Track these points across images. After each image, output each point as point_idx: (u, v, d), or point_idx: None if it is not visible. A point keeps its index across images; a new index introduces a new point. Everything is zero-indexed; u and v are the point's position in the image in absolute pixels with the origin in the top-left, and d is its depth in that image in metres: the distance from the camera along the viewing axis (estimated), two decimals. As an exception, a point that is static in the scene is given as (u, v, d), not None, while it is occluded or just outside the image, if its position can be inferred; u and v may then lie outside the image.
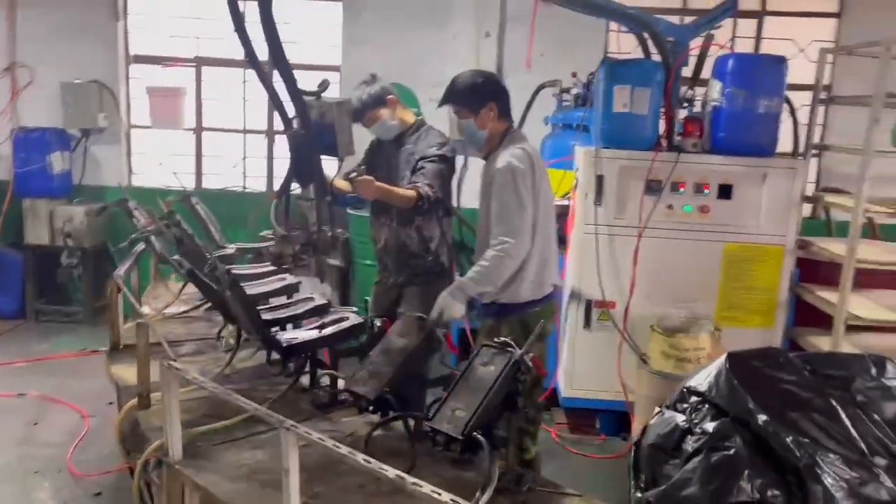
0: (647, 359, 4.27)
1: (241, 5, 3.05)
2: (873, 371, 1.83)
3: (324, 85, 3.38)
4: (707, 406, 1.78)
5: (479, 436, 2.40)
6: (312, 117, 3.21)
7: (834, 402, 1.73)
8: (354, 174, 3.57)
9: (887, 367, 1.85)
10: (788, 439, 1.64)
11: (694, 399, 1.85)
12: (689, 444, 1.74)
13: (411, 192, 3.65)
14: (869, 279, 4.46)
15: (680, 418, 1.84)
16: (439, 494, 1.79)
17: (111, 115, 6.55)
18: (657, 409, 2.00)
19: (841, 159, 5.70)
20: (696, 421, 1.78)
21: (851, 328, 4.13)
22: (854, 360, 1.86)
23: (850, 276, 3.98)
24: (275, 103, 3.27)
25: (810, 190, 5.40)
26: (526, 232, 3.18)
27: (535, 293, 3.31)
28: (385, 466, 1.92)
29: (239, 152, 6.84)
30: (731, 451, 1.66)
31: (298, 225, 3.65)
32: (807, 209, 5.88)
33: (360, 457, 1.98)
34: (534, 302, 3.32)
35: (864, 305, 4.20)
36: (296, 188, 3.56)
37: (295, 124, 3.27)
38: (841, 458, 1.62)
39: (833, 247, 4.33)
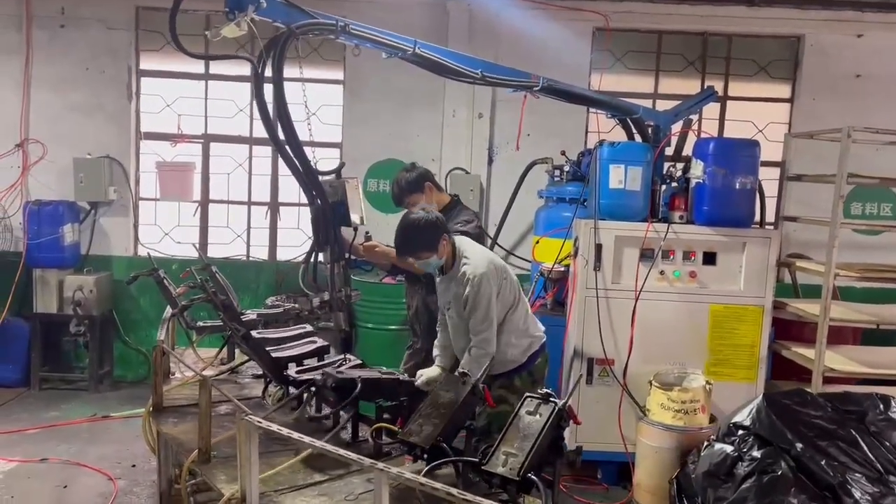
0: (647, 411, 4.66)
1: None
2: (881, 406, 2.26)
3: (340, 166, 3.90)
4: (752, 437, 2.17)
5: (533, 476, 2.75)
6: (329, 194, 3.68)
7: (854, 432, 2.15)
8: (362, 241, 4.06)
9: (891, 403, 2.29)
10: (822, 462, 2.05)
11: (741, 432, 2.24)
12: (741, 469, 2.13)
13: None
14: (832, 335, 4.98)
15: (729, 448, 2.23)
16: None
17: (121, 188, 6.83)
18: (705, 443, 2.38)
19: (798, 228, 6.31)
20: (744, 450, 2.17)
21: (826, 380, 4.60)
22: (865, 398, 2.30)
23: (825, 333, 4.48)
24: (299, 181, 3.71)
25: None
26: (494, 327, 3.69)
27: (530, 351, 3.89)
28: (479, 498, 2.25)
29: (243, 223, 7.15)
30: (779, 473, 2.06)
31: (323, 286, 4.03)
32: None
33: (455, 491, 2.31)
34: (533, 356, 3.90)
35: (836, 359, 4.69)
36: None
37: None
38: (864, 477, 2.03)
39: (806, 307, 4.85)
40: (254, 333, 4.33)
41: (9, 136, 6.74)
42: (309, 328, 4.55)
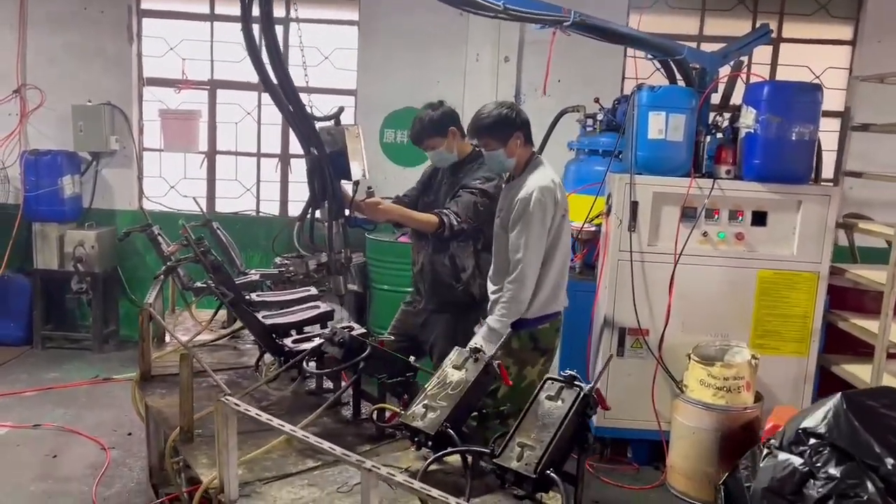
0: (684, 387, 4.23)
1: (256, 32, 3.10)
2: None
3: (339, 111, 3.47)
4: (829, 449, 1.72)
5: (552, 474, 2.33)
6: (327, 142, 3.27)
7: (962, 445, 1.69)
8: (364, 197, 3.66)
9: None
10: (923, 485, 1.60)
11: (813, 441, 1.79)
12: (814, 490, 1.68)
13: (433, 218, 3.71)
14: None
15: (798, 461, 1.78)
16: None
17: (123, 137, 6.45)
18: (766, 451, 1.94)
19: (855, 185, 5.73)
20: (818, 465, 1.72)
21: (890, 356, 4.10)
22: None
23: (891, 303, 3.97)
24: (293, 128, 3.31)
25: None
26: (536, 263, 3.37)
27: (545, 310, 3.46)
28: None
29: (252, 176, 6.75)
30: (864, 497, 1.61)
31: (321, 247, 3.66)
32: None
33: (453, 500, 1.92)
34: (543, 318, 3.47)
35: (902, 333, 4.18)
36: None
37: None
38: (978, 505, 1.58)
39: (869, 274, 4.32)
40: (254, 296, 3.98)
41: (5, 82, 6.36)
42: (314, 291, 4.17)
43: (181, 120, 6.41)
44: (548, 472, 2.33)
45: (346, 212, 3.38)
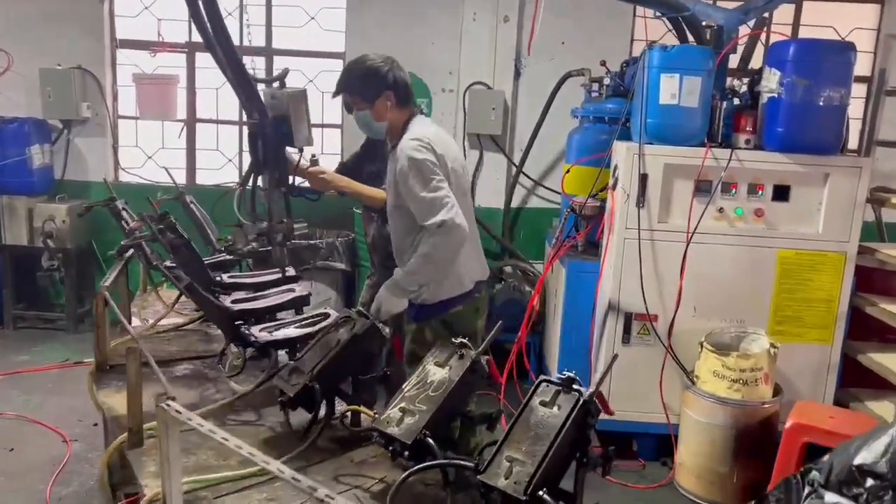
0: (696, 378, 3.88)
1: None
2: None
3: (283, 73, 3.14)
4: (891, 494, 1.36)
5: (545, 496, 1.98)
6: (271, 106, 2.96)
7: None
8: (309, 165, 3.42)
9: None
10: None
11: (871, 483, 1.43)
12: (877, 548, 1.33)
13: (381, 193, 3.51)
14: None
15: (852, 507, 1.43)
16: None
17: (95, 104, 6.04)
18: (808, 489, 1.58)
19: (880, 156, 5.32)
20: (879, 513, 1.37)
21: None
22: None
23: (928, 287, 3.59)
24: (235, 91, 2.98)
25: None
26: (454, 206, 2.84)
27: (453, 291, 3.06)
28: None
29: (234, 145, 6.35)
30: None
31: (263, 217, 3.37)
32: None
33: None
34: (453, 301, 3.07)
35: (937, 320, 3.81)
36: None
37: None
38: None
39: (901, 254, 3.94)
40: (225, 277, 3.64)
41: (-31, 45, 5.95)
42: (292, 272, 3.83)
43: (157, 85, 5.98)
44: (540, 493, 1.98)
45: (290, 179, 3.09)
